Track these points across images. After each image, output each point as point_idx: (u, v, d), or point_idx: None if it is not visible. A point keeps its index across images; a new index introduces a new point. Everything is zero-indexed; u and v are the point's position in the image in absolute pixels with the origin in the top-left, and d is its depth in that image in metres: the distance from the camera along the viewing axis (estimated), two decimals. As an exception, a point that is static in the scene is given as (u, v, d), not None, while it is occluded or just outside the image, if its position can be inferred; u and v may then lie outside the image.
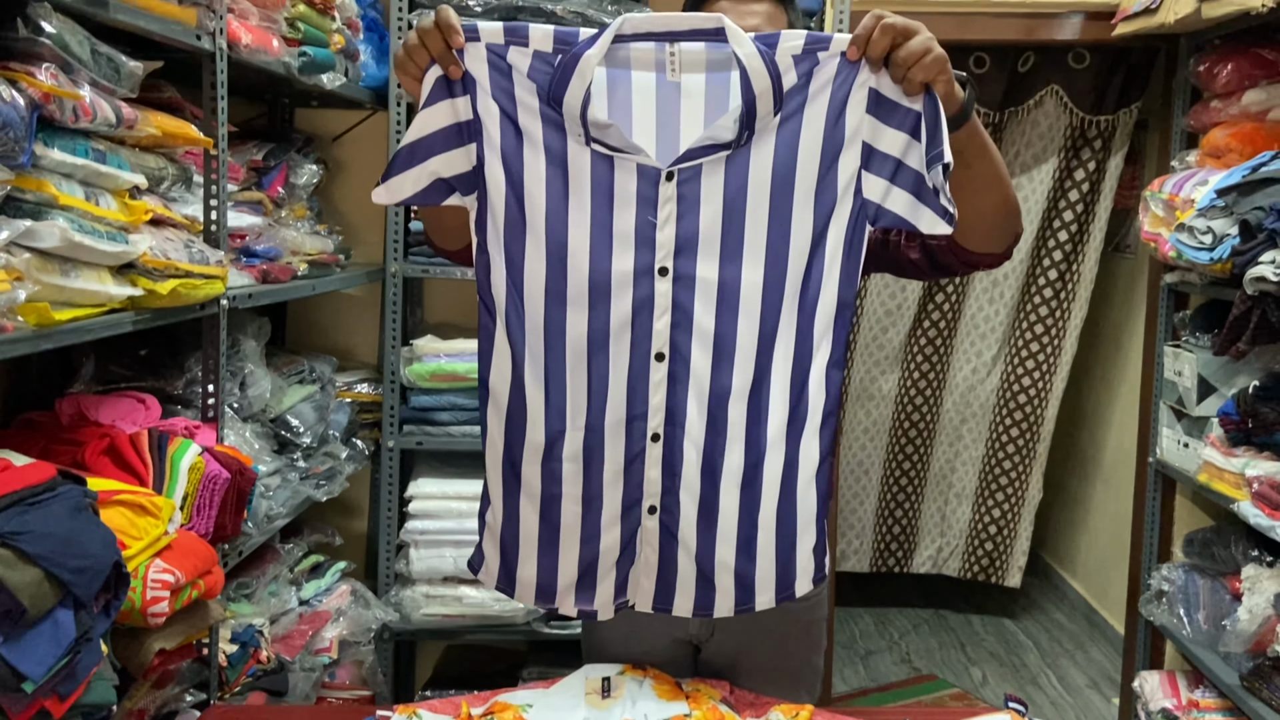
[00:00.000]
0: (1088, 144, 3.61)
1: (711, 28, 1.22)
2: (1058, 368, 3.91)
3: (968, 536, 4.11)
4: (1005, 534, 4.07)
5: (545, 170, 1.24)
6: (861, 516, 4.20)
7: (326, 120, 2.95)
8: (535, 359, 1.30)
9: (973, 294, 3.91)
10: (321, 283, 2.44)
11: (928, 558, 4.17)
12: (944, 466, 4.10)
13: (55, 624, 1.20)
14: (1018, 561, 4.09)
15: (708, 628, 1.63)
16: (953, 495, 4.11)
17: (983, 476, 4.05)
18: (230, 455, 1.79)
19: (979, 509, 4.08)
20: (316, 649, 2.34)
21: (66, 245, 1.35)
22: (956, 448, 4.06)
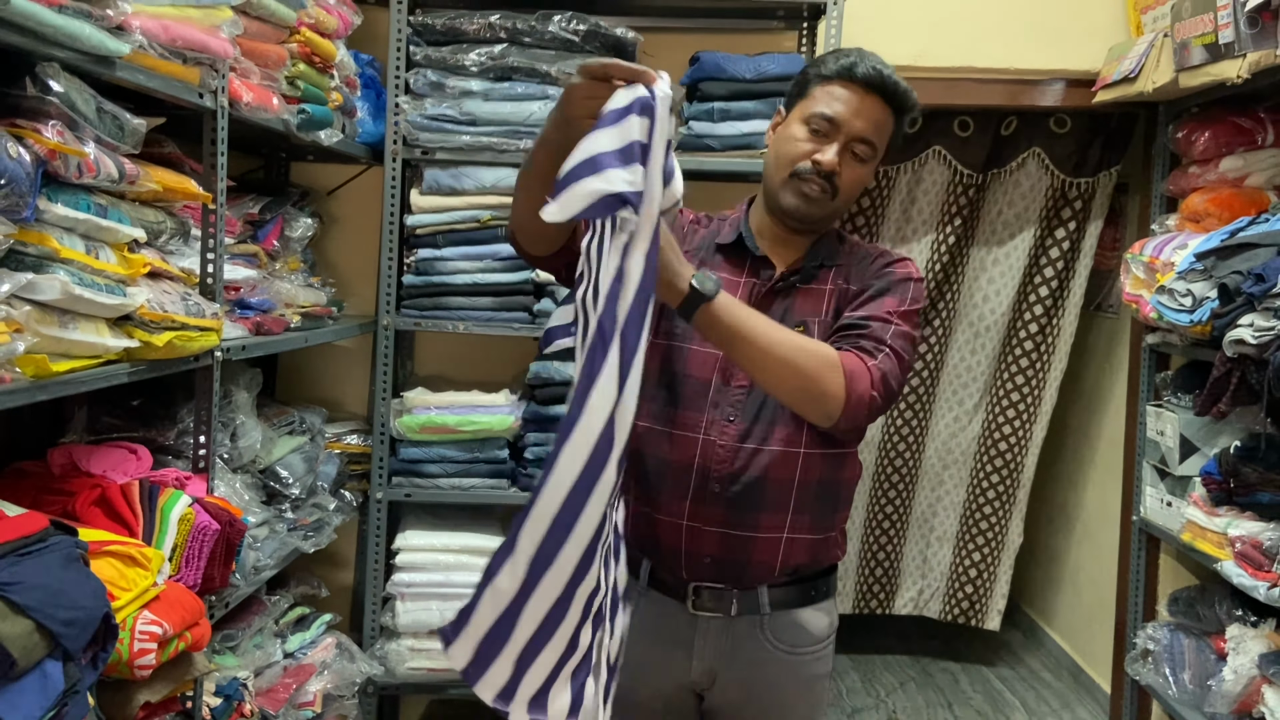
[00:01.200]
0: (1068, 204, 3.68)
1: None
2: (1037, 417, 3.97)
3: (949, 579, 4.14)
4: (985, 577, 4.11)
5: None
6: (845, 559, 4.20)
7: (322, 174, 2.99)
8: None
9: (955, 345, 3.98)
10: (314, 335, 2.46)
11: (909, 599, 4.18)
12: (926, 511, 4.13)
13: (44, 676, 1.20)
14: (997, 605, 4.12)
15: (709, 676, 1.64)
16: (934, 539, 4.14)
17: (964, 521, 4.09)
18: (220, 506, 1.80)
19: (960, 552, 4.11)
20: (300, 702, 2.32)
21: (67, 298, 1.37)
22: (939, 492, 4.09)
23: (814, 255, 1.66)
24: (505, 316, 2.76)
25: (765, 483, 1.59)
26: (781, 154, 1.60)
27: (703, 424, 1.60)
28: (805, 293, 1.64)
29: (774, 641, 1.64)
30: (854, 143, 1.57)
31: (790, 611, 1.64)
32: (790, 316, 1.63)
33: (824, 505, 1.64)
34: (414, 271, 2.75)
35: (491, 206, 2.70)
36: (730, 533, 1.60)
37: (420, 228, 2.71)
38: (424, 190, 2.71)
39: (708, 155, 2.78)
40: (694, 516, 1.60)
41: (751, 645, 1.63)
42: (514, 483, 2.81)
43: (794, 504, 1.60)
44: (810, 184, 1.57)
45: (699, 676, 1.64)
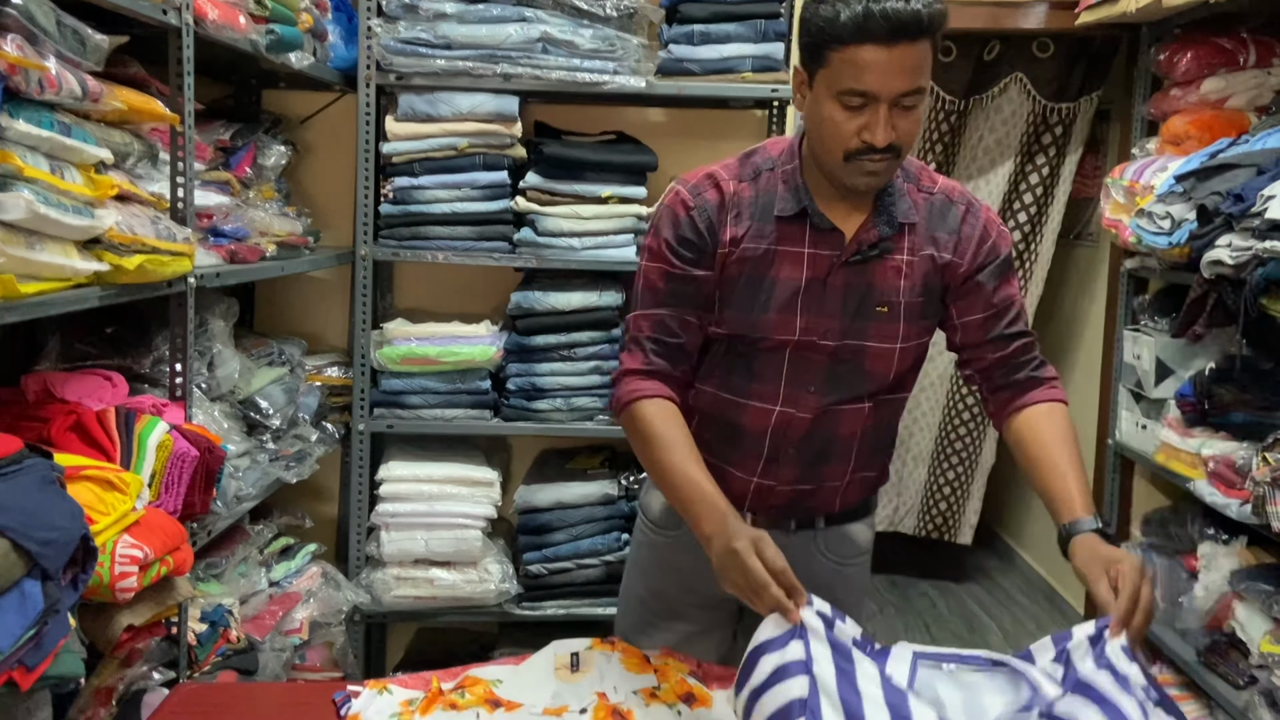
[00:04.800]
0: (1049, 130, 3.67)
1: (983, 659, 1.37)
2: None
3: (923, 496, 4.22)
4: (959, 494, 4.20)
5: (883, 693, 1.27)
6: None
7: (294, 102, 2.93)
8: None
9: None
10: (290, 264, 2.43)
11: (885, 516, 4.26)
12: (902, 432, 4.17)
13: (22, 595, 1.19)
14: (969, 520, 4.23)
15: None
16: (910, 458, 4.21)
17: (939, 441, 4.16)
18: (199, 433, 1.79)
19: (934, 471, 4.19)
20: (287, 629, 2.34)
21: (32, 217, 1.34)
22: (915, 414, 4.15)
23: (886, 219, 1.52)
24: (485, 246, 2.73)
25: (836, 439, 1.61)
26: (826, 137, 1.43)
27: (779, 396, 1.58)
28: (883, 266, 1.53)
29: (826, 553, 1.69)
30: (899, 99, 1.38)
31: (841, 526, 1.70)
32: (871, 297, 1.54)
33: (882, 447, 1.69)
34: (391, 201, 2.71)
35: (469, 133, 2.66)
36: (799, 487, 1.64)
37: (396, 155, 2.67)
38: (399, 117, 2.66)
39: (688, 79, 2.73)
40: (765, 475, 1.62)
41: (805, 558, 1.64)
42: (496, 413, 2.81)
43: (857, 452, 1.63)
44: (870, 162, 1.42)
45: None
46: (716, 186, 1.54)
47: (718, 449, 1.62)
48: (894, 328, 1.56)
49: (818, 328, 1.54)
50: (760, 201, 1.53)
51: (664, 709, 1.50)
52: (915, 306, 1.56)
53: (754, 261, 1.53)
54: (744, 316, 1.55)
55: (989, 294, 1.58)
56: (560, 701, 1.53)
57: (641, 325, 1.59)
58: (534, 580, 2.81)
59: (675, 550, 1.69)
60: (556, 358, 2.77)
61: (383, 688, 1.57)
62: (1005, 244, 1.60)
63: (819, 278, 1.53)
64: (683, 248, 1.54)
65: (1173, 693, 2.67)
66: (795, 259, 1.52)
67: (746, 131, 3.05)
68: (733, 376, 1.59)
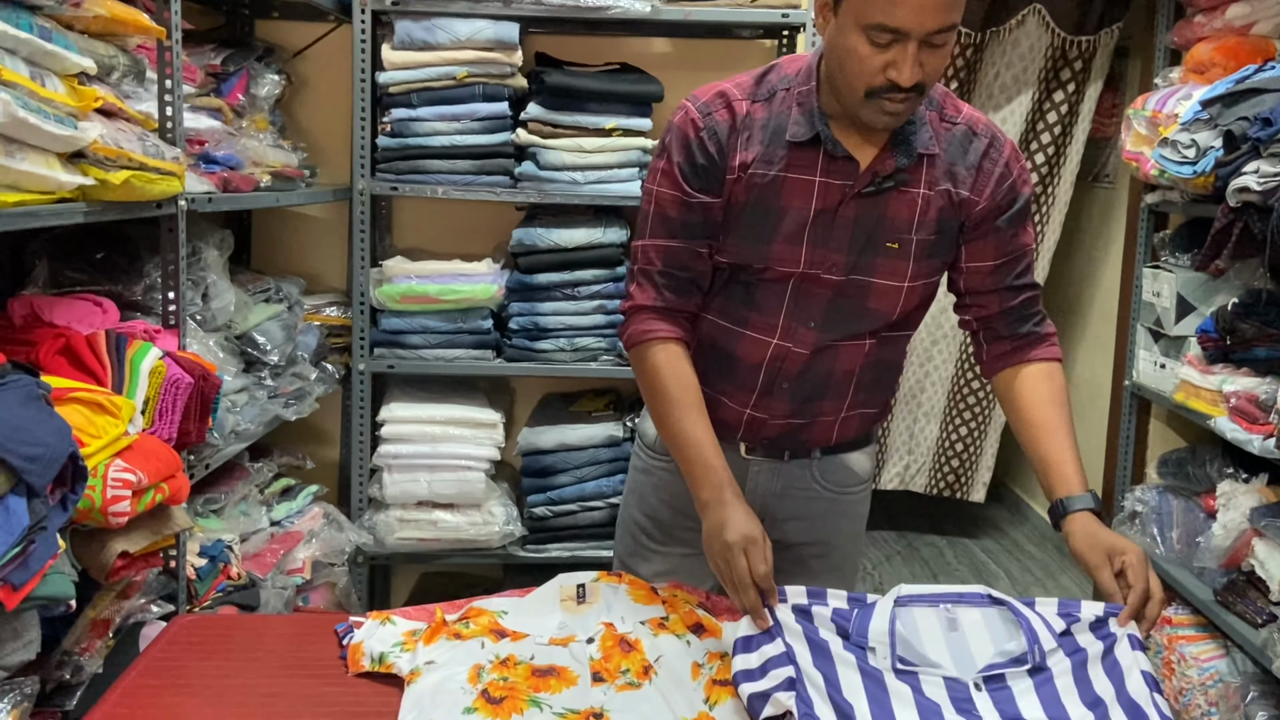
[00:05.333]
0: (1068, 65, 3.56)
1: (981, 594, 1.37)
2: None
3: (935, 454, 4.15)
4: (971, 451, 4.12)
5: (862, 682, 1.28)
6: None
7: (288, 34, 2.84)
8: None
9: None
10: (286, 196, 2.36)
11: (896, 474, 4.19)
12: (914, 386, 4.10)
13: (7, 511, 1.15)
14: (982, 477, 4.15)
15: (759, 514, 1.59)
16: (921, 414, 4.13)
17: (951, 396, 4.07)
18: (193, 360, 1.73)
19: (946, 428, 4.11)
20: (289, 569, 2.30)
21: (10, 121, 1.28)
22: (927, 368, 4.06)
23: (905, 148, 1.44)
24: (486, 180, 2.66)
25: (833, 375, 1.57)
26: (848, 72, 1.34)
27: (778, 329, 1.53)
28: (897, 196, 1.46)
29: (822, 482, 1.66)
30: (930, 36, 1.29)
31: (838, 455, 1.66)
32: (881, 232, 1.47)
33: (882, 384, 1.63)
34: (389, 134, 2.63)
35: (467, 62, 2.57)
36: (792, 421, 1.60)
37: (393, 86, 2.59)
38: (396, 45, 2.57)
39: (693, 3, 2.64)
40: (758, 408, 1.59)
41: (801, 486, 1.64)
42: (498, 354, 2.75)
43: (854, 388, 1.59)
44: (893, 101, 1.34)
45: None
46: (728, 106, 1.47)
47: (712, 378, 1.58)
48: (903, 265, 1.49)
49: (823, 261, 1.48)
50: (773, 124, 1.46)
51: (673, 639, 1.46)
52: (926, 244, 1.49)
53: (762, 188, 1.46)
54: (748, 245, 1.49)
55: (1003, 240, 1.51)
56: (567, 631, 1.50)
57: (652, 257, 1.52)
58: (538, 522, 2.77)
59: (671, 475, 1.65)
60: (560, 296, 2.71)
61: (386, 618, 1.53)
62: (1026, 187, 1.53)
63: (829, 208, 1.46)
64: (694, 173, 1.48)
65: (1187, 634, 2.64)
66: (805, 187, 1.45)
67: (754, 63, 2.93)
68: (732, 305, 1.54)
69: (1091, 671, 1.30)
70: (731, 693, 1.31)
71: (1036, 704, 1.27)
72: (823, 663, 1.30)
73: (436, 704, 1.32)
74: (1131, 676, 1.29)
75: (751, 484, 1.63)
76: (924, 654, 1.33)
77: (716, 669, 1.38)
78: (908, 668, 1.31)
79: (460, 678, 1.39)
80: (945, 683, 1.29)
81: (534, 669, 1.41)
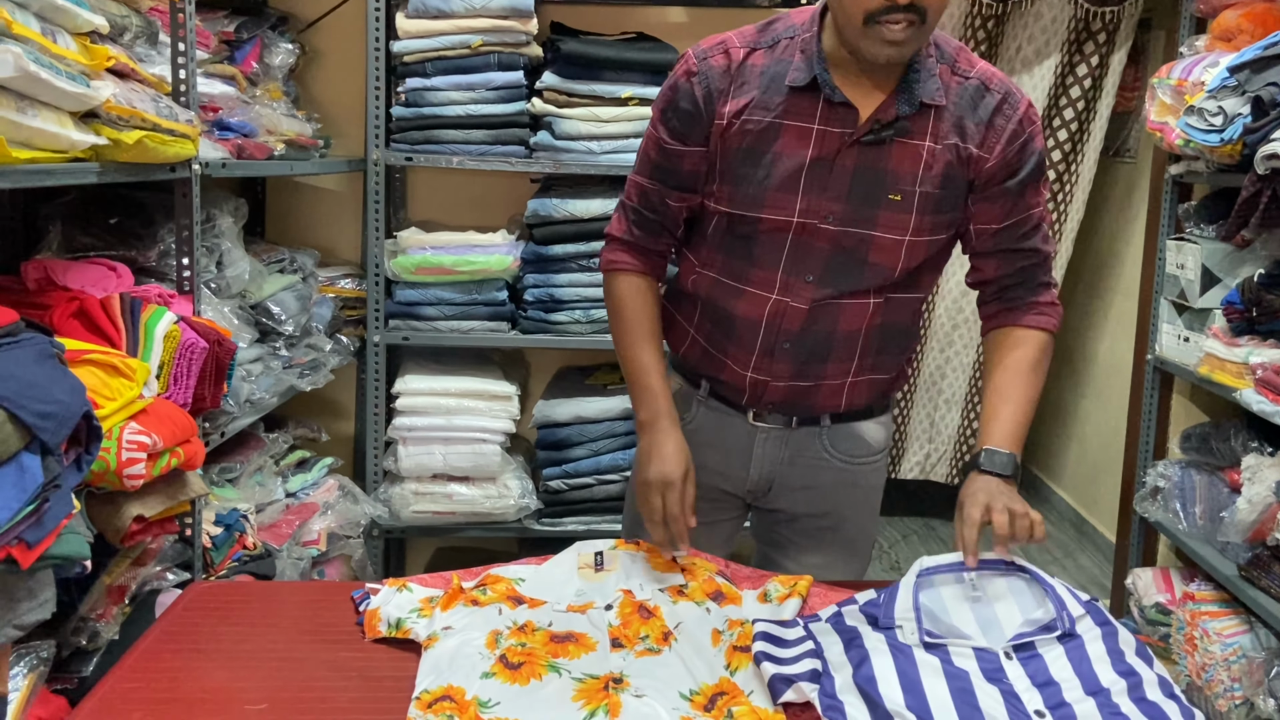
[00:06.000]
0: (1091, 37, 3.50)
1: (1001, 559, 1.37)
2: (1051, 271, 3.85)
3: (956, 442, 4.07)
4: None
5: (891, 659, 1.27)
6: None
7: (301, 3, 2.81)
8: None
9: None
10: (300, 165, 2.34)
11: (916, 463, 4.12)
12: (934, 373, 4.03)
13: (20, 469, 1.13)
14: None
15: (765, 483, 1.63)
16: (942, 401, 4.05)
17: (973, 383, 4.00)
18: (207, 325, 1.72)
19: (968, 415, 4.03)
20: (304, 540, 2.30)
21: (22, 76, 1.26)
22: (947, 354, 3.99)
23: (908, 97, 1.40)
24: (501, 150, 2.63)
25: (835, 335, 1.53)
26: (848, 3, 1.32)
27: (776, 284, 1.50)
28: (901, 148, 1.42)
29: (832, 451, 1.62)
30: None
31: (849, 424, 1.62)
32: (884, 183, 1.43)
33: (892, 348, 1.59)
34: (403, 103, 2.61)
35: (482, 30, 2.54)
36: (795, 384, 1.57)
37: (408, 54, 2.56)
38: (410, 13, 2.54)
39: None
40: (759, 369, 1.56)
41: (810, 454, 1.61)
42: (514, 325, 2.73)
43: (860, 351, 1.55)
44: (892, 24, 1.29)
45: (754, 484, 1.64)
46: (725, 53, 1.46)
47: (716, 340, 1.57)
48: (905, 218, 1.45)
49: (820, 210, 1.44)
50: (772, 71, 1.44)
51: (692, 606, 1.44)
52: (931, 198, 1.45)
53: (756, 134, 1.44)
54: (741, 192, 1.46)
55: (1010, 202, 1.48)
56: (585, 599, 1.48)
57: (631, 192, 1.58)
58: (554, 496, 2.75)
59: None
60: (575, 268, 2.68)
61: (402, 585, 1.51)
62: (1039, 145, 1.48)
63: (826, 156, 1.42)
64: (675, 119, 1.48)
65: (1210, 609, 2.61)
66: (802, 134, 1.42)
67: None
68: (733, 261, 1.52)
69: (1123, 643, 1.28)
70: (752, 659, 1.30)
71: (1070, 670, 1.24)
72: (852, 649, 1.28)
73: (454, 668, 1.31)
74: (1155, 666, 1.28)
75: (759, 452, 1.61)
76: (952, 625, 1.31)
77: (737, 635, 1.37)
78: (936, 640, 1.29)
79: (478, 643, 1.37)
80: (975, 653, 1.27)
81: (552, 635, 1.40)
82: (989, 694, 1.21)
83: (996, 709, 1.19)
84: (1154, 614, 2.78)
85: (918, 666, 1.25)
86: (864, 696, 1.21)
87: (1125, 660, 1.26)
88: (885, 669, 1.24)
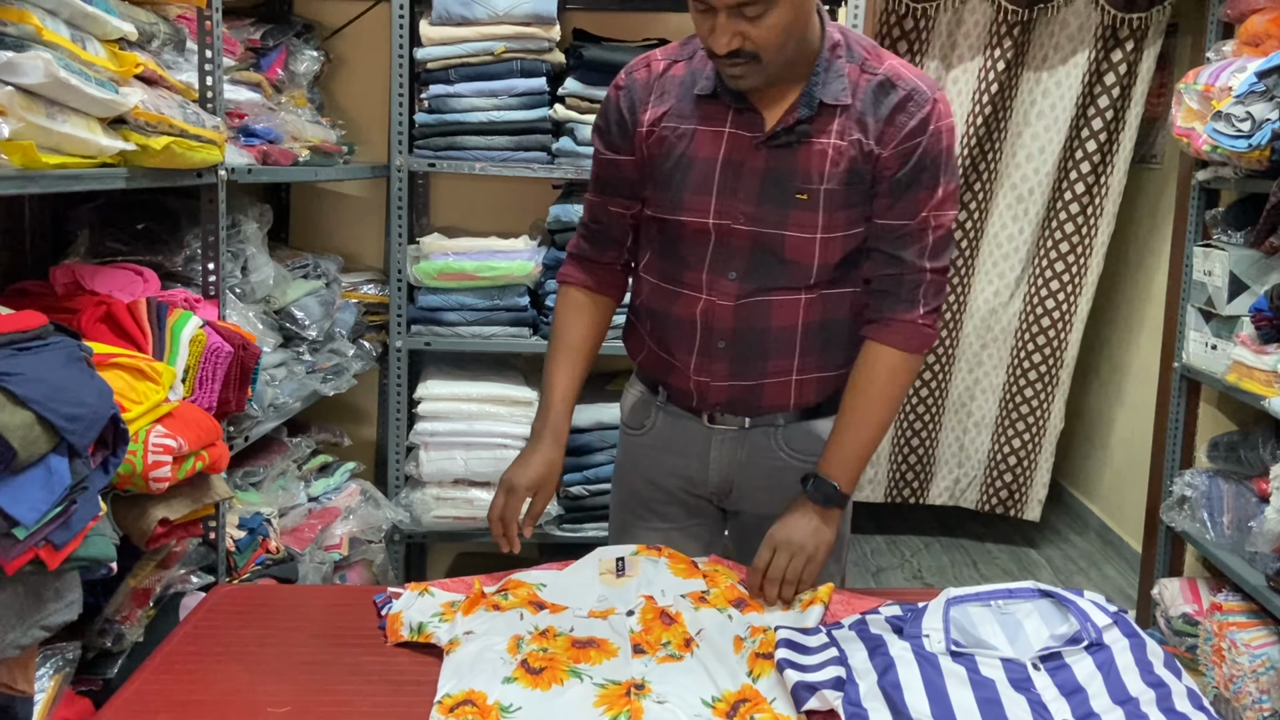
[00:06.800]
0: (1119, 45, 3.45)
1: (1032, 589, 1.36)
2: (1083, 288, 3.69)
3: (986, 467, 3.91)
4: (1025, 465, 3.88)
5: (917, 667, 1.27)
6: (879, 445, 4.01)
7: (326, 12, 2.84)
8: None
9: (996, 210, 3.70)
10: (324, 170, 2.36)
11: (945, 489, 3.98)
12: (963, 394, 3.89)
13: (48, 470, 1.14)
14: (1037, 494, 3.91)
15: (726, 484, 1.65)
16: (972, 424, 3.89)
17: (1003, 405, 3.86)
18: (233, 330, 1.73)
19: (999, 439, 3.87)
20: (326, 545, 2.31)
21: (52, 82, 1.27)
22: (976, 374, 3.86)
23: (807, 99, 1.44)
24: (523, 156, 2.64)
25: (768, 332, 1.55)
26: (699, 38, 1.42)
27: (704, 284, 1.54)
28: (808, 148, 1.46)
29: (789, 451, 1.63)
30: (739, 8, 1.32)
31: (805, 423, 1.63)
32: (791, 183, 1.46)
33: (833, 344, 1.59)
34: (426, 110, 2.62)
35: (505, 37, 2.55)
36: (737, 383, 1.58)
37: (431, 61, 2.57)
38: (434, 20, 2.56)
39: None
40: (700, 370, 1.58)
41: (767, 455, 1.62)
42: (535, 331, 2.73)
43: (800, 348, 1.57)
44: (727, 66, 1.39)
45: (715, 487, 1.66)
46: (648, 66, 1.54)
47: (664, 344, 1.62)
48: (813, 216, 1.47)
49: (732, 211, 1.49)
50: (689, 80, 1.51)
51: (714, 613, 1.43)
52: (838, 195, 1.46)
53: (674, 140, 1.50)
54: (664, 196, 1.52)
55: (893, 199, 1.47)
56: (606, 604, 1.48)
57: (585, 208, 1.65)
58: (574, 502, 2.75)
59: (643, 449, 1.69)
60: (598, 274, 2.68)
61: (424, 589, 1.52)
62: (941, 148, 1.46)
63: (736, 159, 1.47)
64: (608, 132, 1.56)
65: (1238, 620, 2.57)
66: (714, 138, 1.48)
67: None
68: (667, 264, 1.57)
69: (1151, 654, 1.27)
70: (775, 665, 1.29)
71: (1098, 680, 1.23)
72: (877, 657, 1.28)
73: (476, 673, 1.31)
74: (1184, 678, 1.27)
75: (716, 454, 1.64)
76: (979, 638, 1.30)
77: (759, 642, 1.36)
78: (962, 649, 1.28)
79: (499, 647, 1.37)
80: (1002, 664, 1.26)
81: (573, 640, 1.40)
82: (1016, 703, 1.20)
83: (1024, 718, 1.17)
84: (1181, 625, 2.74)
85: (944, 675, 1.24)
86: (889, 704, 1.20)
87: (1154, 671, 1.25)
88: (911, 677, 1.23)
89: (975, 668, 1.25)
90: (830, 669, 1.26)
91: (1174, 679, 1.23)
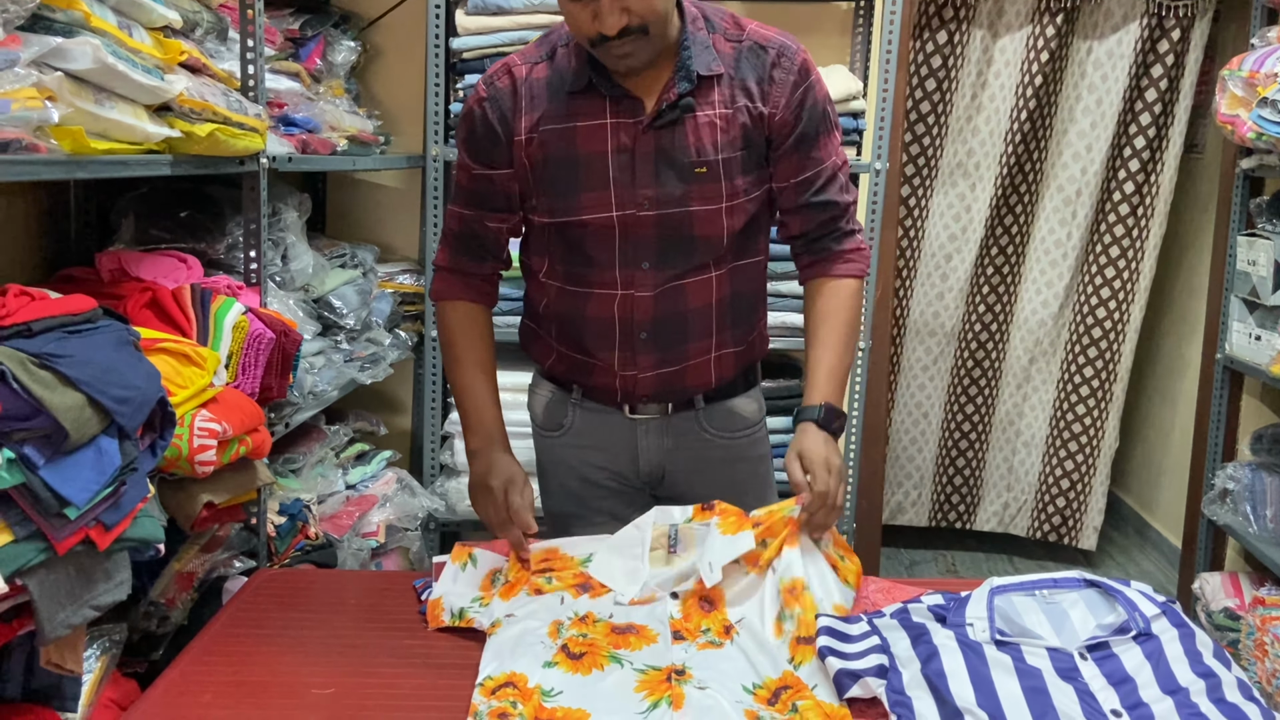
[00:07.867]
0: (1165, 35, 3.36)
1: (1077, 578, 1.36)
2: (1136, 294, 3.52)
3: (1037, 491, 3.72)
4: (1079, 488, 3.66)
5: (961, 655, 1.26)
6: (920, 465, 3.74)
7: (363, 2, 2.85)
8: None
9: (1043, 214, 3.53)
10: (362, 160, 2.37)
11: (993, 514, 3.78)
12: (1010, 412, 3.69)
13: (99, 451, 1.15)
14: (1093, 520, 3.67)
15: (657, 471, 1.66)
16: (1020, 444, 3.71)
17: (1054, 423, 3.65)
18: (274, 317, 1.74)
19: (1050, 460, 3.68)
20: (364, 531, 2.32)
21: (100, 68, 1.28)
22: (1024, 390, 3.67)
23: (684, 73, 1.44)
24: (558, 146, 2.63)
25: (687, 315, 1.56)
26: (573, 29, 1.41)
27: (618, 279, 1.53)
28: (694, 122, 1.46)
29: (711, 430, 1.65)
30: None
31: (723, 402, 1.65)
32: (686, 158, 1.46)
33: (743, 315, 1.62)
34: (462, 100, 2.62)
35: (540, 26, 2.55)
36: (663, 370, 1.59)
37: (467, 51, 2.58)
38: (470, 10, 2.56)
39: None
40: (625, 365, 1.58)
41: (691, 438, 1.64)
42: (570, 321, 2.73)
43: (715, 325, 1.59)
44: (615, 48, 1.37)
45: (647, 476, 1.67)
46: (509, 73, 1.51)
47: (579, 347, 1.60)
48: (715, 187, 1.48)
49: (633, 199, 1.48)
50: (556, 80, 1.49)
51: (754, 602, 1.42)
52: (735, 161, 1.48)
53: (556, 142, 1.48)
54: (558, 200, 1.50)
55: (803, 155, 1.51)
56: (648, 591, 1.47)
57: (451, 220, 1.61)
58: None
59: (566, 449, 1.68)
60: (632, 264, 2.68)
61: (468, 554, 1.52)
62: (821, 94, 1.51)
63: (625, 147, 1.46)
64: (477, 147, 1.53)
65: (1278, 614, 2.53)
66: (598, 131, 1.47)
67: (831, 28, 2.89)
68: (572, 267, 1.55)
69: (1200, 644, 1.25)
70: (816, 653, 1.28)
71: (1147, 670, 1.21)
72: (920, 645, 1.27)
73: (517, 656, 1.32)
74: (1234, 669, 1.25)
75: (643, 444, 1.64)
76: (1024, 627, 1.29)
77: (798, 622, 1.35)
78: (1007, 639, 1.26)
79: (540, 632, 1.38)
80: (1048, 653, 1.25)
81: (612, 626, 1.40)
82: (1064, 692, 1.18)
83: (1071, 708, 1.16)
84: (1222, 619, 2.71)
85: (989, 664, 1.23)
86: (933, 692, 1.19)
87: (1203, 661, 1.23)
88: (955, 665, 1.22)
89: (1021, 657, 1.24)
90: (873, 657, 1.25)
91: (1224, 669, 1.22)
